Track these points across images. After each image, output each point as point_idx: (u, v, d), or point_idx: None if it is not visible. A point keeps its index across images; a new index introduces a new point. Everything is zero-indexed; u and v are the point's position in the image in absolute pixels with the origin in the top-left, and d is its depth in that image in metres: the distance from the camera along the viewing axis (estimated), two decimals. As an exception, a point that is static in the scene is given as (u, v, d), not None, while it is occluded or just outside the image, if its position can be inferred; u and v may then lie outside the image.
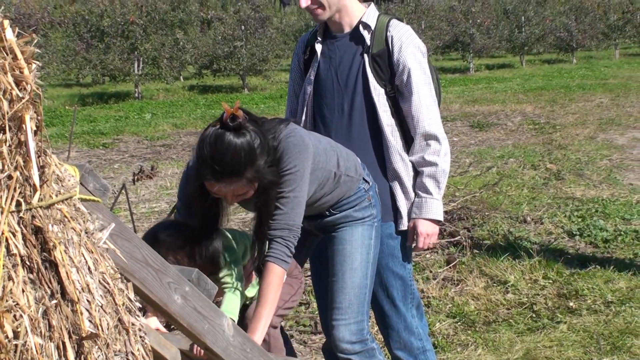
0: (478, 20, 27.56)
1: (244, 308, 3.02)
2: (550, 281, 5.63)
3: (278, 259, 2.65)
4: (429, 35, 26.05)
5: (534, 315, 5.09)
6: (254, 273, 2.94)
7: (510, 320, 5.04)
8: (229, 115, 2.56)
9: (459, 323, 5.04)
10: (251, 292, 2.99)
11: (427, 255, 6.15)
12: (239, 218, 7.10)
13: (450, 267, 5.90)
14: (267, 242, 2.71)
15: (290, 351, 3.19)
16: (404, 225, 3.17)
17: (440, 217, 3.16)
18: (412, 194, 3.15)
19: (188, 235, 2.74)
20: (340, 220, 3.00)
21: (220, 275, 2.81)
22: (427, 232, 3.13)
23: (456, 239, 6.47)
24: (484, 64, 28.63)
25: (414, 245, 3.18)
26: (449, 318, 5.10)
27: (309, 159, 2.72)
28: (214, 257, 2.77)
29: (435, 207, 3.12)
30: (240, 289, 2.82)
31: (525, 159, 10.18)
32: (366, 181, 3.03)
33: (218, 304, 2.74)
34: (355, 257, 2.97)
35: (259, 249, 2.82)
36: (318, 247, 3.17)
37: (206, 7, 30.40)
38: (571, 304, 5.22)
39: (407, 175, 3.14)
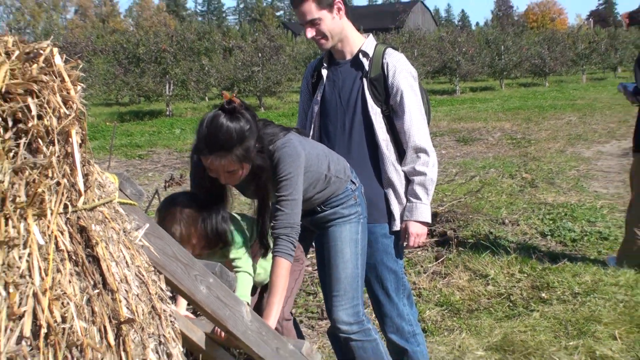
0: (463, 49, 27.58)
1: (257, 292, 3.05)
2: (525, 275, 5.62)
3: (284, 253, 2.66)
4: (421, 61, 26.05)
5: (510, 304, 5.08)
6: (258, 254, 2.97)
7: (490, 309, 5.03)
8: (226, 99, 2.61)
9: (445, 311, 5.03)
10: (258, 277, 3.00)
11: (419, 252, 6.15)
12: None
13: (438, 263, 5.89)
14: (273, 240, 2.73)
15: (300, 335, 3.20)
16: (397, 226, 3.17)
17: (429, 220, 3.16)
18: (404, 199, 3.15)
19: (201, 204, 2.74)
20: (330, 217, 3.01)
21: (231, 256, 2.82)
22: (417, 233, 3.14)
23: (444, 238, 6.48)
24: (468, 87, 28.62)
25: (405, 243, 3.19)
26: (437, 306, 5.09)
27: (301, 165, 2.73)
28: (221, 234, 2.76)
29: (424, 211, 3.12)
30: (251, 271, 2.83)
31: (504, 169, 10.16)
32: (353, 182, 3.04)
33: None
34: (345, 252, 2.98)
35: (261, 229, 2.86)
36: (319, 242, 3.18)
37: (228, 37, 30.49)
38: (543, 294, 5.21)
39: (400, 183, 3.14)
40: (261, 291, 3.06)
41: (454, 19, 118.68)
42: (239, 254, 2.84)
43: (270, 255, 2.86)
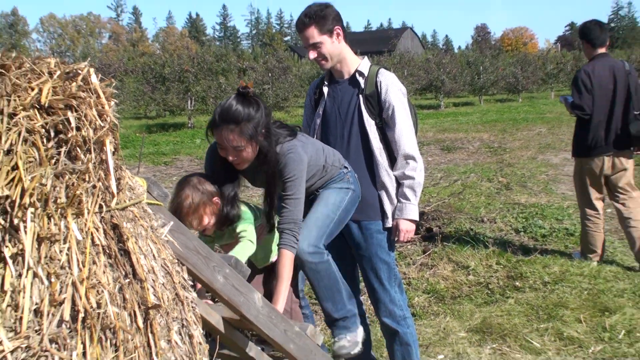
0: (447, 69, 27.63)
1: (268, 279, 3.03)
2: (502, 266, 5.62)
3: (288, 245, 2.66)
4: (410, 80, 26.03)
5: (489, 292, 5.07)
6: (263, 231, 2.95)
7: (471, 296, 5.02)
8: (242, 85, 2.65)
9: (432, 298, 5.03)
10: (259, 258, 2.99)
11: (408, 246, 6.15)
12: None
13: (425, 255, 5.89)
14: (279, 233, 2.72)
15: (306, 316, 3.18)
16: (389, 223, 3.16)
17: (416, 218, 3.15)
18: (395, 200, 3.14)
19: (214, 183, 2.75)
20: (326, 188, 3.02)
21: (238, 230, 2.80)
22: (407, 229, 3.13)
23: (430, 234, 6.47)
24: (451, 102, 28.62)
25: (396, 238, 3.18)
26: (425, 294, 5.09)
27: (304, 169, 2.75)
28: (230, 217, 2.76)
29: (412, 210, 3.12)
30: (253, 241, 2.80)
31: (483, 174, 10.15)
32: (346, 168, 3.04)
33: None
34: (329, 199, 2.94)
35: (269, 210, 2.87)
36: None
37: (242, 59, 30.51)
38: (517, 283, 5.21)
39: (391, 186, 3.14)
40: (270, 278, 3.02)
41: (439, 43, 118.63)
42: (245, 227, 2.82)
43: (272, 246, 2.87)
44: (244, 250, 2.73)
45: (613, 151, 5.40)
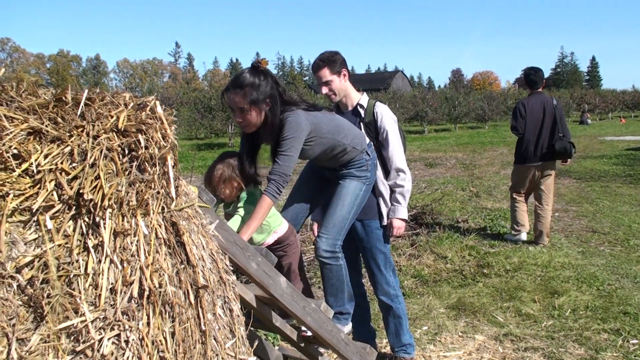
0: (430, 103, 27.60)
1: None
2: (473, 257, 5.56)
3: (270, 193, 2.45)
4: (401, 111, 26.04)
5: (462, 277, 5.03)
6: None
7: (449, 280, 4.98)
8: (257, 60, 2.48)
9: (418, 281, 4.98)
10: (258, 237, 2.69)
11: (400, 241, 6.10)
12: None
13: (413, 248, 5.84)
14: (267, 181, 2.51)
15: (309, 291, 3.01)
16: (385, 221, 3.14)
17: (406, 217, 3.12)
18: (389, 204, 3.13)
19: (241, 162, 2.59)
20: (346, 174, 2.87)
21: (238, 206, 2.59)
22: (398, 226, 3.10)
23: (417, 231, 6.42)
24: (433, 129, 28.55)
25: (390, 234, 3.15)
26: (412, 278, 5.05)
27: (301, 131, 2.51)
28: (253, 174, 2.61)
29: (402, 212, 3.09)
30: (242, 215, 2.55)
31: (457, 185, 10.09)
32: (368, 154, 2.90)
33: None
34: (346, 199, 2.83)
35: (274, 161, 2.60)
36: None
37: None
38: (485, 270, 5.16)
39: (386, 193, 3.12)
40: (279, 269, 2.84)
41: (424, 82, 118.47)
42: (243, 206, 2.59)
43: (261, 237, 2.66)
44: (233, 222, 2.53)
45: (540, 162, 5.91)
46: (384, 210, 3.13)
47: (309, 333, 2.56)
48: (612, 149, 15.73)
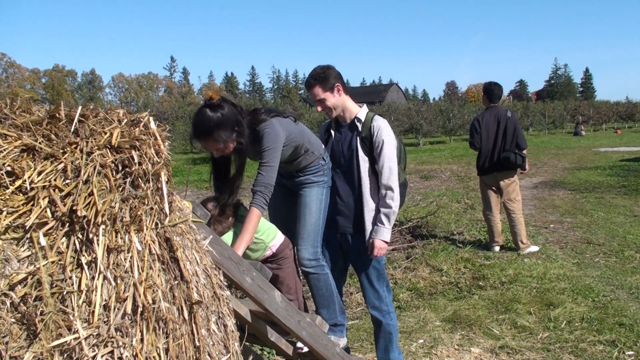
0: (425, 116, 27.67)
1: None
2: (468, 269, 5.57)
3: (258, 205, 2.51)
4: (396, 124, 26.04)
5: (458, 290, 5.02)
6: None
7: (444, 292, 4.97)
8: (207, 97, 2.48)
9: (413, 294, 4.98)
10: (254, 255, 2.72)
11: (395, 253, 6.10)
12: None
13: (409, 260, 5.84)
14: (252, 194, 2.56)
15: (304, 306, 2.97)
16: (366, 241, 3.07)
17: (388, 239, 3.05)
18: (372, 221, 3.05)
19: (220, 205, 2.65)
20: (304, 182, 2.90)
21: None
22: (380, 247, 3.01)
23: (412, 244, 6.43)
24: (428, 141, 28.65)
25: (371, 254, 3.05)
26: (408, 291, 5.04)
27: (279, 141, 2.58)
28: (234, 208, 2.65)
29: (385, 233, 3.01)
30: (237, 232, 2.57)
31: (453, 197, 10.11)
32: (324, 159, 2.95)
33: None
34: (312, 206, 2.85)
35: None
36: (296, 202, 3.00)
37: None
38: (480, 283, 5.16)
39: (373, 210, 3.05)
40: (274, 283, 2.85)
41: (419, 95, 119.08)
42: (236, 224, 2.64)
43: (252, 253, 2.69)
44: (225, 239, 2.54)
45: (497, 172, 6.19)
46: (369, 228, 3.05)
47: (305, 349, 2.55)
48: (606, 160, 15.82)
